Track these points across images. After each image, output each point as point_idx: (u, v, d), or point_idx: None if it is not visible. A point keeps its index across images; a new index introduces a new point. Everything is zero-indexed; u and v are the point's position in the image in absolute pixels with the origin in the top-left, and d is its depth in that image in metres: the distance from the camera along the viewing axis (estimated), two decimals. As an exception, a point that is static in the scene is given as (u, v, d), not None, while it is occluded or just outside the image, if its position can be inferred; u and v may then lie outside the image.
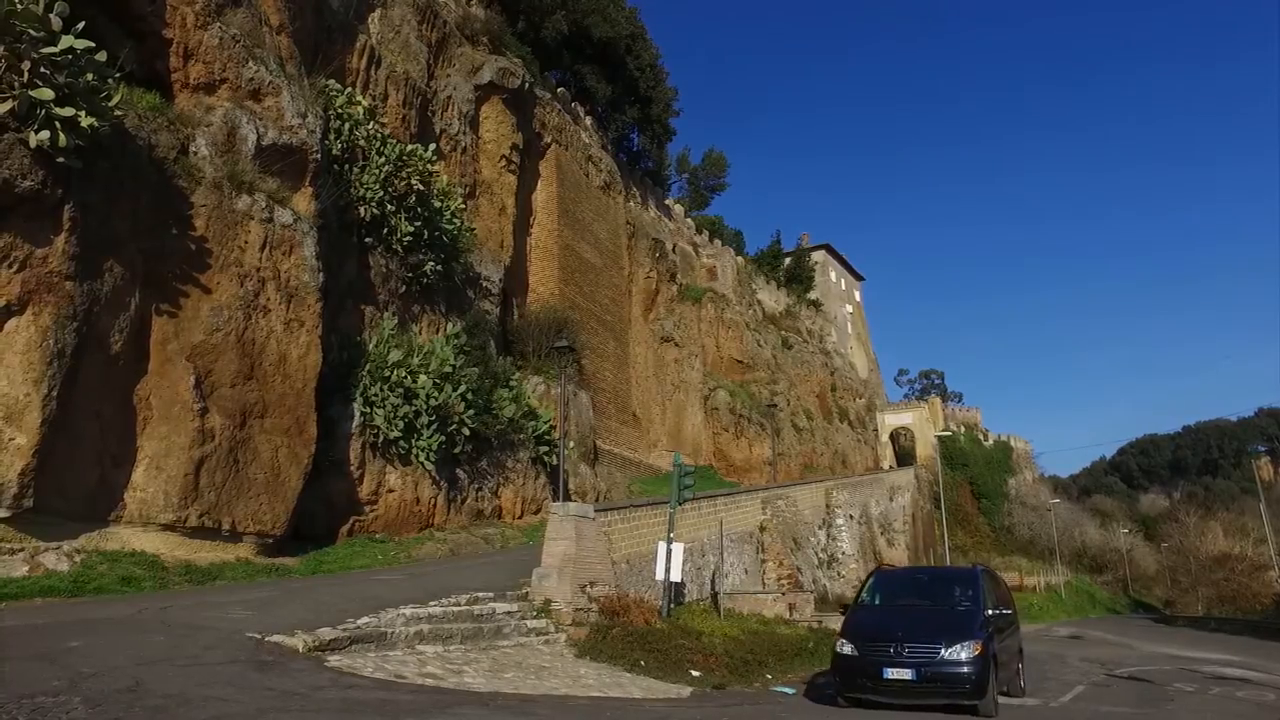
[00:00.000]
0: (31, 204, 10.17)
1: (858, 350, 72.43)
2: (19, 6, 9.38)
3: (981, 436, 76.02)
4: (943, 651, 8.62)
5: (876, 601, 10.32)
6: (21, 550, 9.77)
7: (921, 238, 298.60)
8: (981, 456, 71.38)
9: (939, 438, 48.51)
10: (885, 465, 62.87)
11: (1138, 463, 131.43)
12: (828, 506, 30.86)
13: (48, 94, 9.66)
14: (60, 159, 10.17)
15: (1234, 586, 50.84)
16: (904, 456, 66.72)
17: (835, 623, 18.76)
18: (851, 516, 32.94)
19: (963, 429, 72.58)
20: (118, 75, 11.37)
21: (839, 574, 29.22)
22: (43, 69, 9.71)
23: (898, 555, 41.90)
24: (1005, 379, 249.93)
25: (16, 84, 9.48)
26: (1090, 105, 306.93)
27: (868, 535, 35.94)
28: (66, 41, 9.97)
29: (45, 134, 9.77)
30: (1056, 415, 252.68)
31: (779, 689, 10.23)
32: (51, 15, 9.94)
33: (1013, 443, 79.36)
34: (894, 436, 69.03)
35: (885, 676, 8.60)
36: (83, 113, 10.22)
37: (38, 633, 6.66)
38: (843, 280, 74.17)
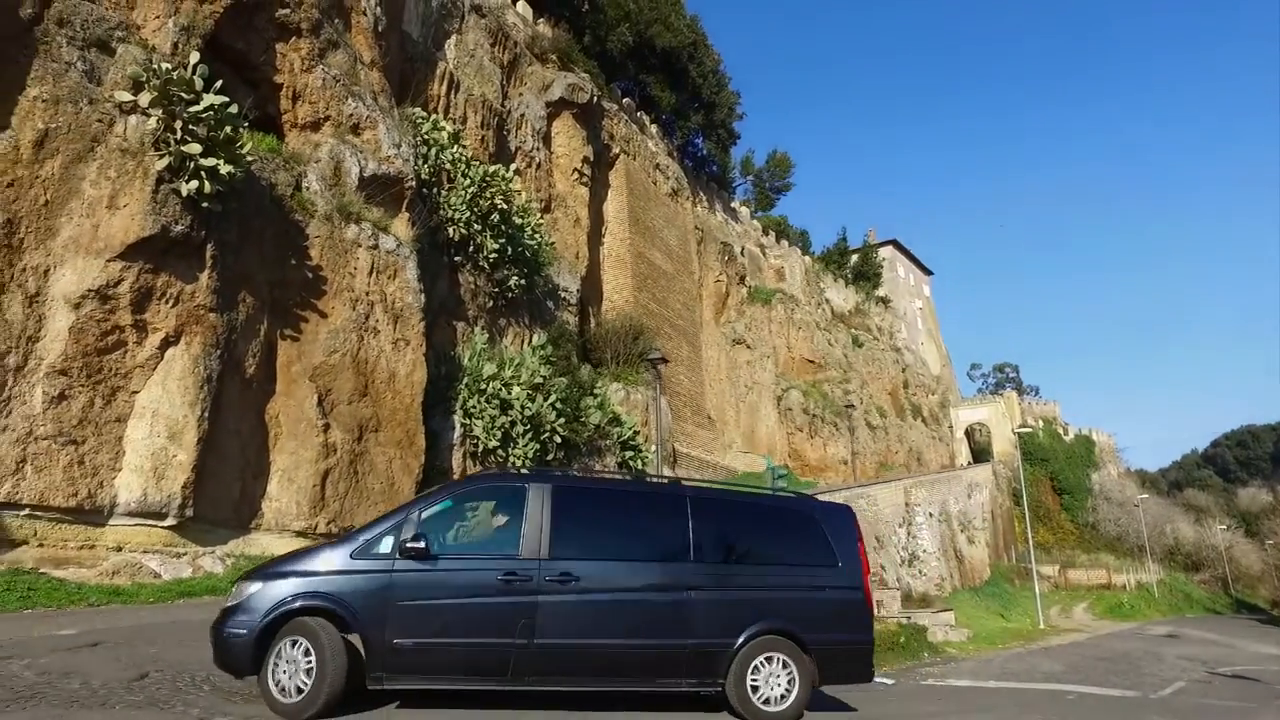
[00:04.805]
0: (182, 246, 11.36)
1: (929, 346, 71.23)
2: (175, 75, 10.55)
3: (1061, 431, 73.72)
4: None
5: None
6: (185, 554, 10.95)
7: (991, 229, 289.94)
8: (1062, 451, 69.24)
9: (1016, 433, 47.51)
10: (961, 462, 61.74)
11: (1234, 455, 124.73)
12: (907, 505, 30.81)
13: (196, 148, 10.80)
14: (204, 204, 11.33)
15: (1350, 585, 48.17)
16: (979, 453, 65.34)
17: (923, 619, 19.04)
18: (931, 514, 32.78)
19: (1041, 423, 70.54)
20: (246, 124, 12.55)
21: (920, 572, 29.18)
22: (191, 126, 10.86)
23: (978, 553, 41.33)
24: (1085, 371, 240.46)
25: (172, 141, 10.65)
26: (1162, 74, 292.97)
27: (947, 533, 35.64)
28: (208, 100, 11.11)
29: (194, 184, 10.92)
30: (1142, 408, 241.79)
31: (877, 680, 10.64)
32: (195, 77, 11.11)
33: (1095, 436, 76.70)
34: (969, 432, 67.64)
35: None
36: (222, 161, 11.35)
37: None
38: (911, 275, 73.07)
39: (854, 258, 62.36)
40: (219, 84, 11.50)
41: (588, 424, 19.43)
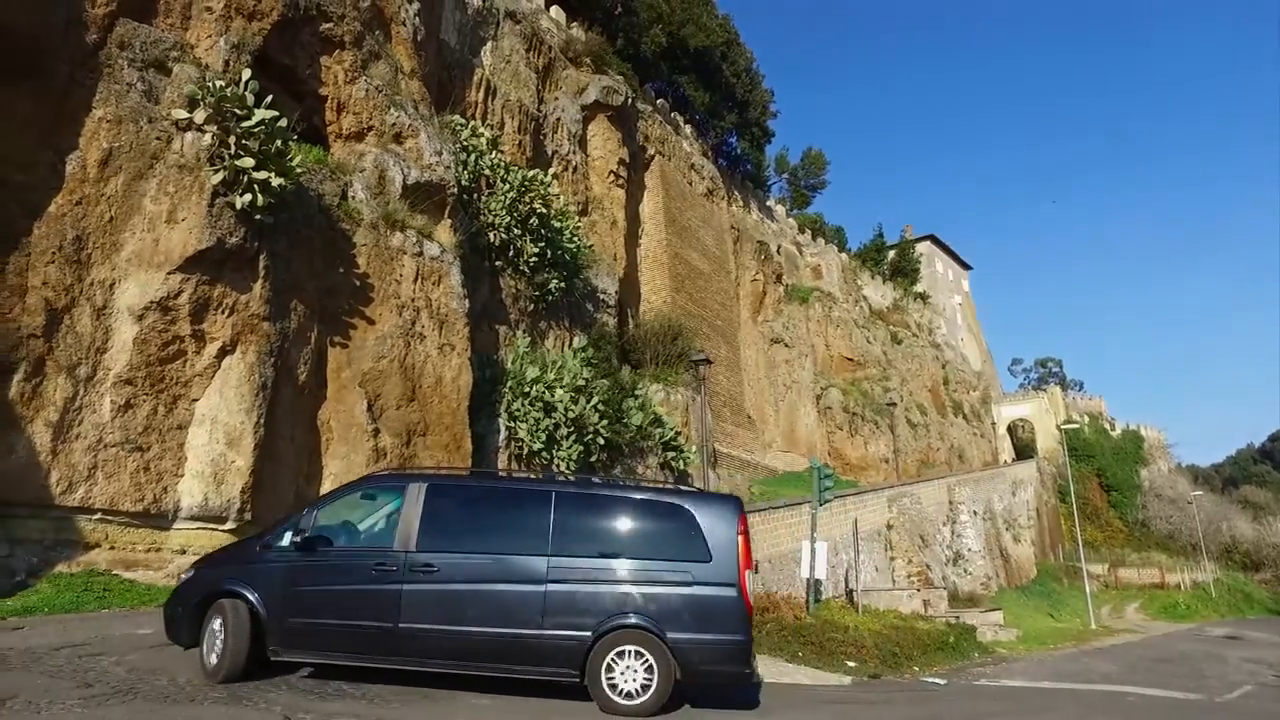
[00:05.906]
0: (236, 257, 11.67)
1: (969, 342, 70.13)
2: (228, 92, 10.87)
3: (1108, 426, 71.99)
4: None
5: None
6: (245, 558, 11.25)
7: (1029, 222, 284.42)
8: (1109, 447, 67.61)
9: (1061, 429, 46.49)
10: (1003, 459, 60.70)
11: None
12: (950, 503, 30.39)
13: (249, 162, 11.10)
14: (257, 216, 11.63)
15: None
16: (1023, 449, 64.18)
17: (971, 618, 18.78)
18: (975, 513, 32.29)
19: (1086, 419, 68.94)
20: (295, 137, 12.86)
21: (966, 571, 28.76)
22: (244, 141, 11.17)
23: (1024, 551, 40.63)
24: (1132, 365, 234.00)
25: (226, 156, 10.97)
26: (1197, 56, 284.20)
27: (992, 531, 35.08)
28: (259, 115, 11.40)
29: (247, 197, 11.22)
30: (1193, 401, 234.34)
31: (929, 679, 10.56)
32: (246, 93, 11.43)
33: (1143, 431, 74.74)
34: (1011, 429, 66.49)
35: None
36: (273, 174, 11.64)
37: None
38: (950, 271, 72.04)
39: (891, 254, 61.65)
40: (269, 99, 11.80)
41: (630, 425, 19.53)
